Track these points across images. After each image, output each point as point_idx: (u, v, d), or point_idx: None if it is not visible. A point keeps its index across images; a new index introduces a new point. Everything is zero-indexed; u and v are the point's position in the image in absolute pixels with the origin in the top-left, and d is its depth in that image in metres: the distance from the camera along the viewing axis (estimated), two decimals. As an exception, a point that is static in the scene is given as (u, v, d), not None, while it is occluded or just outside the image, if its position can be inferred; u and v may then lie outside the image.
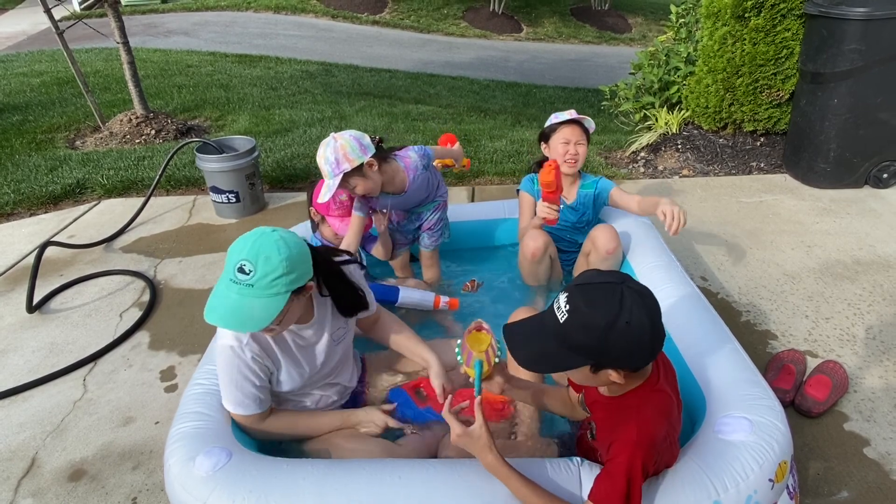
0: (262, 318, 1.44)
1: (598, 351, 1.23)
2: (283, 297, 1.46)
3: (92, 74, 7.05)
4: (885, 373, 2.30)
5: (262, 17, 11.54)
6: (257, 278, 1.43)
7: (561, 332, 1.24)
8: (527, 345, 1.32)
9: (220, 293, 1.47)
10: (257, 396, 1.66)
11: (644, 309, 1.22)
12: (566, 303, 1.24)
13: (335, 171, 2.13)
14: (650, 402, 1.35)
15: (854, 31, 3.38)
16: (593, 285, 1.25)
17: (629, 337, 1.21)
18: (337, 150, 2.12)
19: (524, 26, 12.63)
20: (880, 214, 3.49)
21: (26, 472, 2.00)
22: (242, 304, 1.44)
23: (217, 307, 1.45)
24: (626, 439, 1.31)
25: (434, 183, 2.53)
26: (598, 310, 1.21)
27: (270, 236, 1.47)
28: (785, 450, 1.53)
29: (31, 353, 2.60)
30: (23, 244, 3.55)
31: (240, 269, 1.43)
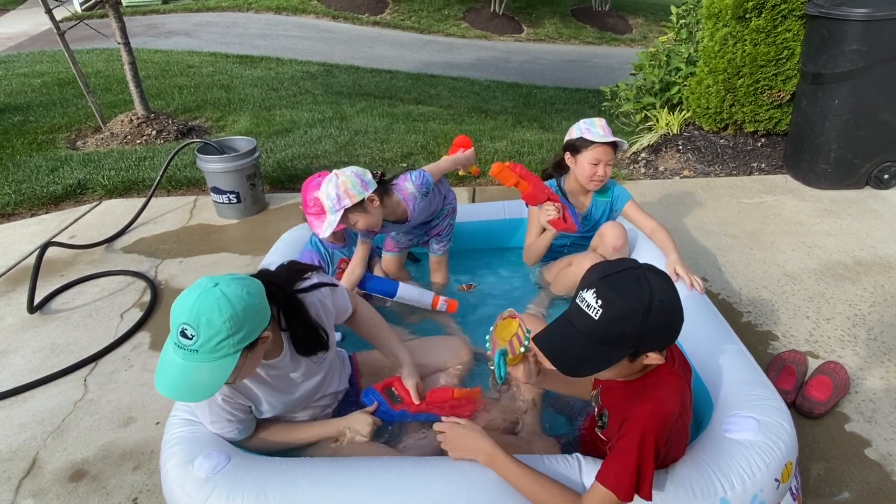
0: (210, 385, 1.35)
1: (639, 337, 1.24)
2: (232, 357, 1.36)
3: (93, 75, 7.06)
4: (887, 374, 2.29)
5: (262, 17, 11.54)
6: (200, 343, 1.32)
7: (598, 329, 1.24)
8: (565, 352, 1.29)
9: (166, 358, 1.38)
10: (236, 427, 1.64)
11: (667, 284, 1.26)
12: (596, 298, 1.23)
13: (336, 206, 2.14)
14: (664, 382, 1.36)
15: (855, 32, 3.38)
16: (616, 275, 1.25)
17: (665, 314, 1.24)
18: (338, 187, 2.13)
19: (525, 27, 12.63)
20: (881, 215, 3.49)
21: (27, 472, 2.01)
22: (189, 371, 1.34)
23: (164, 375, 1.37)
24: (639, 414, 1.31)
25: (438, 200, 2.53)
26: (632, 296, 1.22)
27: (211, 294, 1.33)
28: (791, 450, 1.54)
29: (31, 353, 2.60)
30: (24, 244, 3.55)
31: (182, 333, 1.33)
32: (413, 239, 2.68)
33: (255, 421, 1.70)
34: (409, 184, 2.35)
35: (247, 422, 1.66)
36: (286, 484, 1.48)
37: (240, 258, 3.27)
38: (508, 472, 1.43)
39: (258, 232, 3.54)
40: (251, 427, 1.69)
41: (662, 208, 3.68)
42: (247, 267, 3.17)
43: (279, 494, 1.45)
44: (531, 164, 4.36)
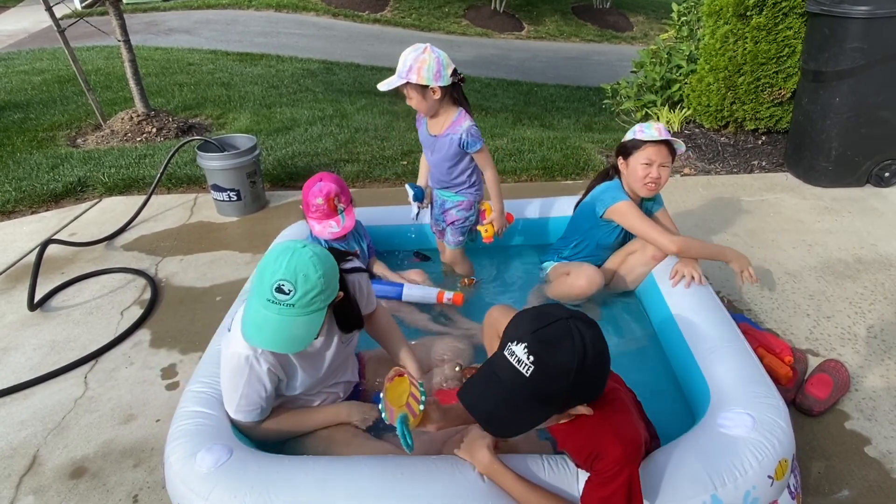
0: (306, 337, 1.47)
1: (571, 393, 1.21)
2: (321, 312, 1.49)
3: (93, 72, 7.05)
4: (887, 371, 2.29)
5: (263, 15, 11.52)
6: (297, 297, 1.44)
7: (529, 387, 1.19)
8: (496, 411, 1.23)
9: (257, 314, 1.47)
10: (261, 406, 1.66)
11: (596, 336, 1.22)
12: (527, 354, 1.18)
13: (403, 74, 2.25)
14: (611, 408, 1.34)
15: (856, 30, 3.37)
16: (547, 328, 1.20)
17: (596, 369, 1.22)
18: (417, 60, 2.23)
19: (525, 25, 12.61)
20: (882, 213, 3.49)
21: (27, 469, 2.01)
22: (285, 325, 1.45)
23: (259, 329, 1.45)
24: (614, 457, 1.29)
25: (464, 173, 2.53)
26: (566, 353, 1.18)
27: (304, 253, 1.46)
28: (786, 448, 1.53)
29: (32, 350, 2.61)
30: (24, 242, 3.55)
31: (278, 289, 1.43)
32: (439, 223, 2.72)
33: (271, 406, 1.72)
34: (468, 121, 2.41)
35: (270, 401, 1.69)
36: (289, 481, 1.48)
37: (240, 256, 3.27)
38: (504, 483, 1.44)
39: (258, 229, 3.54)
40: (269, 411, 1.71)
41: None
42: (247, 265, 3.17)
43: (282, 492, 1.45)
44: (531, 161, 4.36)
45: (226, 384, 1.66)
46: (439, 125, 2.45)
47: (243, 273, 3.09)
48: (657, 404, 1.78)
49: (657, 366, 2.19)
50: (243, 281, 2.89)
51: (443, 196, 2.65)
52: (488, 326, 1.97)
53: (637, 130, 2.35)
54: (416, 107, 2.39)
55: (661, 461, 1.46)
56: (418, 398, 1.46)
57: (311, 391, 1.78)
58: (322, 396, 1.82)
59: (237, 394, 1.63)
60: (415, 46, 2.28)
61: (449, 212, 2.65)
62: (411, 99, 2.36)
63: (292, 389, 1.71)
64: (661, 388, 2.07)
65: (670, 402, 2.00)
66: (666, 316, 2.20)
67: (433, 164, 2.57)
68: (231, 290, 2.93)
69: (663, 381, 2.11)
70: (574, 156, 4.46)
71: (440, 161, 2.51)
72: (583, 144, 4.79)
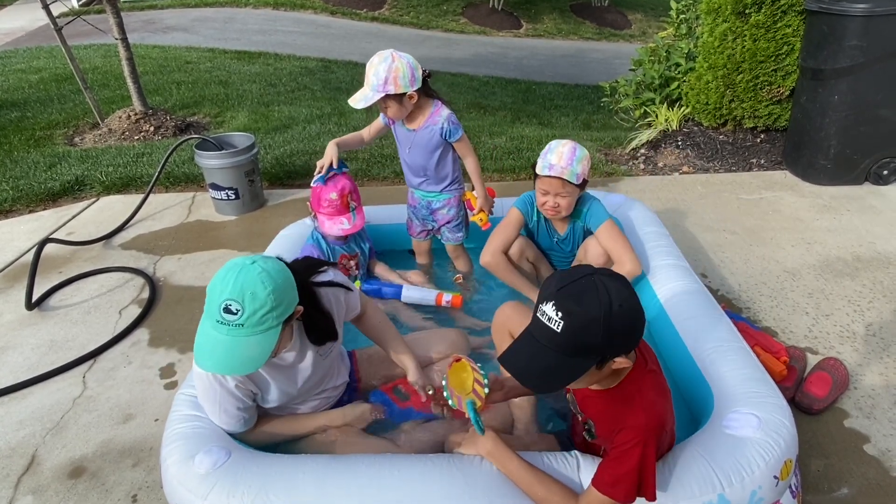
0: (258, 357, 1.40)
1: (603, 344, 1.23)
2: (275, 331, 1.41)
3: (90, 71, 7.03)
4: (886, 370, 2.30)
5: (260, 13, 11.49)
6: (246, 317, 1.36)
7: (562, 341, 1.22)
8: (532, 369, 1.27)
9: (207, 336, 1.41)
10: (242, 417, 1.65)
11: (624, 287, 1.25)
12: (556, 310, 1.21)
13: (379, 88, 2.23)
14: (648, 384, 1.36)
15: (855, 28, 3.37)
16: (572, 284, 1.23)
17: (627, 318, 1.23)
18: (390, 71, 2.20)
19: (524, 23, 12.59)
20: (880, 211, 3.49)
21: (26, 469, 2.00)
22: (236, 346, 1.38)
23: (209, 352, 1.40)
24: (635, 425, 1.31)
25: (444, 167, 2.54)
26: (592, 304, 1.20)
27: (252, 270, 1.38)
28: (791, 448, 1.54)
29: (30, 350, 2.60)
30: (22, 241, 3.54)
31: (226, 309, 1.36)
32: (426, 224, 2.72)
33: (256, 412, 1.71)
34: (446, 110, 2.43)
35: (252, 411, 1.67)
36: (287, 480, 1.48)
37: (238, 255, 3.25)
38: (507, 467, 1.46)
39: (257, 228, 3.53)
40: (254, 418, 1.70)
41: (661, 204, 3.68)
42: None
43: (280, 491, 1.45)
44: (530, 160, 4.35)
45: (203, 402, 1.65)
46: (417, 120, 2.45)
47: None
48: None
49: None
50: (242, 280, 2.89)
51: (427, 197, 2.63)
52: (499, 324, 1.97)
53: (542, 154, 2.26)
54: (394, 115, 2.37)
55: (668, 461, 1.47)
56: (482, 382, 1.49)
57: (295, 401, 1.76)
58: (314, 402, 1.81)
59: (215, 408, 1.62)
60: (381, 56, 2.23)
61: (439, 212, 2.64)
62: (388, 109, 2.32)
63: (269, 402, 1.68)
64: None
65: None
66: (663, 318, 2.19)
67: (412, 161, 2.54)
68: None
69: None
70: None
71: (421, 155, 2.49)
72: (581, 142, 4.75)
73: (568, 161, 2.21)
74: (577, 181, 2.23)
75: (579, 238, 2.50)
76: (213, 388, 1.57)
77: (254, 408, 1.68)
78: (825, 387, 2.13)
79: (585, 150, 2.29)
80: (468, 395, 1.48)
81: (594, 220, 2.36)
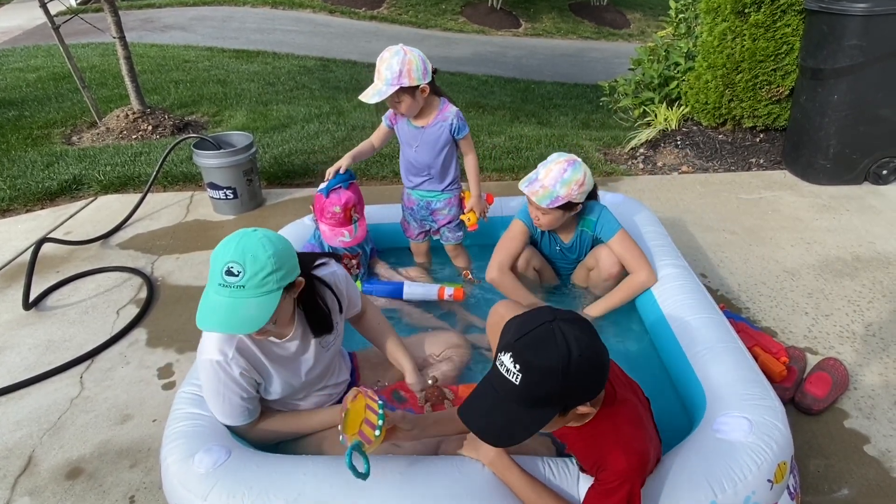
0: (258, 318, 1.42)
1: (564, 394, 1.20)
2: (275, 294, 1.45)
3: (88, 70, 7.02)
4: (885, 370, 2.29)
5: (259, 11, 11.47)
6: (247, 278, 1.41)
7: (522, 393, 1.19)
8: (492, 423, 1.24)
9: (210, 300, 1.44)
10: (246, 408, 1.64)
11: (584, 334, 1.21)
12: (514, 362, 1.19)
13: (394, 81, 2.21)
14: (621, 419, 1.34)
15: (855, 27, 3.36)
16: (530, 334, 1.20)
17: (587, 367, 1.20)
18: (403, 63, 2.20)
19: (522, 22, 12.58)
20: (880, 211, 3.49)
21: (23, 470, 1.99)
22: (237, 307, 1.41)
23: (210, 313, 1.43)
24: (617, 470, 1.29)
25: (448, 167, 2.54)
26: (549, 355, 1.17)
27: (253, 235, 1.45)
28: (785, 450, 1.52)
29: (27, 350, 2.59)
30: (19, 241, 3.52)
31: (227, 271, 1.40)
32: (424, 224, 2.72)
33: (260, 406, 1.71)
34: (454, 107, 2.43)
35: (255, 402, 1.67)
36: (289, 480, 1.47)
37: (237, 254, 3.25)
38: (507, 478, 1.45)
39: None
40: (257, 411, 1.69)
41: (660, 204, 3.67)
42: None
43: (281, 492, 1.44)
44: (529, 159, 4.35)
45: (207, 392, 1.64)
46: (425, 117, 2.44)
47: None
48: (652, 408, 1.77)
49: (651, 369, 2.17)
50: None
51: (427, 197, 2.62)
52: (493, 324, 1.96)
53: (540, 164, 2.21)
54: (407, 110, 2.35)
55: (659, 469, 1.45)
56: (374, 423, 1.39)
57: (297, 395, 1.76)
58: (314, 399, 1.81)
59: (219, 399, 1.61)
60: (392, 51, 2.23)
61: (439, 212, 2.64)
62: (401, 104, 2.31)
63: (271, 394, 1.68)
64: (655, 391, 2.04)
65: (666, 406, 1.97)
66: (659, 318, 2.18)
67: (418, 159, 2.52)
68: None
69: (658, 385, 2.08)
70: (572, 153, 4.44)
71: (429, 153, 2.48)
72: (580, 142, 4.78)
73: (552, 181, 2.13)
74: (549, 205, 2.15)
75: (587, 247, 2.46)
76: (217, 376, 1.57)
77: (257, 399, 1.68)
78: (825, 387, 2.12)
79: (583, 170, 2.17)
80: (353, 435, 1.39)
81: (606, 231, 2.32)
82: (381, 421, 1.40)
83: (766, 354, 2.20)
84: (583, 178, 2.16)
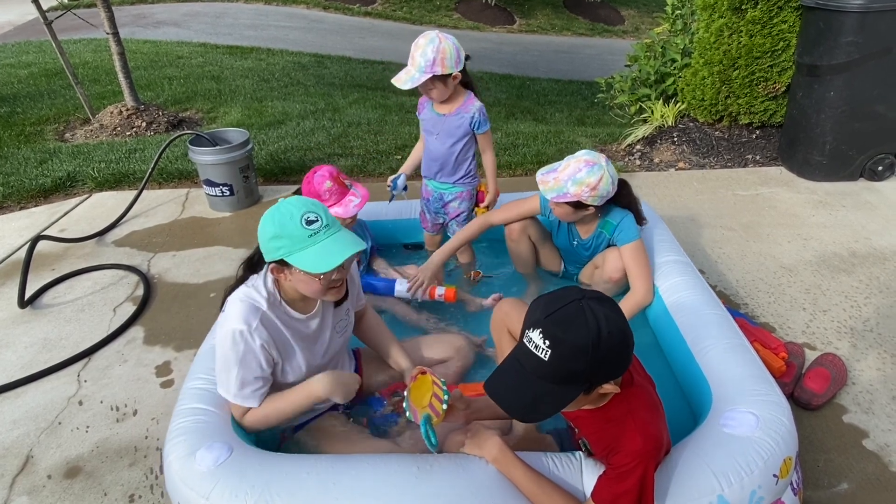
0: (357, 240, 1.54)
1: (591, 372, 1.21)
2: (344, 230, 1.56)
3: (81, 66, 6.95)
4: (883, 364, 2.31)
5: (252, 7, 11.41)
6: (325, 217, 1.51)
7: (549, 370, 1.20)
8: (519, 398, 1.25)
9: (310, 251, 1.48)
10: (258, 388, 1.62)
11: (612, 313, 1.22)
12: (543, 338, 1.19)
13: (427, 69, 2.25)
14: (638, 402, 1.35)
15: (851, 24, 3.37)
16: (559, 311, 1.20)
17: (615, 345, 1.21)
18: (438, 51, 2.23)
19: (517, 18, 12.57)
20: (875, 207, 3.50)
21: (21, 469, 1.98)
22: (339, 238, 1.51)
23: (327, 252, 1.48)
24: (632, 450, 1.30)
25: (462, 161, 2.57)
26: (579, 332, 1.18)
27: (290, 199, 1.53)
28: (790, 446, 1.53)
29: (23, 348, 2.57)
30: (13, 238, 3.49)
31: (307, 221, 1.48)
32: (437, 218, 2.75)
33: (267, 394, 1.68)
34: (479, 102, 2.47)
35: (266, 384, 1.65)
36: (291, 479, 1.46)
37: (234, 251, 3.23)
38: (512, 474, 1.45)
39: (252, 225, 3.49)
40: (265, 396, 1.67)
41: (657, 200, 3.68)
42: (241, 260, 3.12)
43: (284, 492, 1.44)
44: (526, 156, 4.34)
45: (220, 366, 1.62)
46: (449, 105, 2.47)
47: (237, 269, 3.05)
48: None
49: (656, 365, 2.16)
50: (238, 277, 2.86)
51: (440, 189, 2.64)
52: (497, 321, 1.96)
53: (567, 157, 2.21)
54: (438, 96, 2.39)
55: (666, 463, 1.45)
56: (441, 397, 1.48)
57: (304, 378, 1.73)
58: None
59: (232, 374, 1.59)
60: (427, 37, 2.26)
61: (450, 204, 2.66)
62: (433, 90, 2.35)
63: (288, 374, 1.67)
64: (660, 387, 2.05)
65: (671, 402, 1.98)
66: (664, 314, 2.19)
67: (435, 147, 2.54)
68: (225, 286, 2.88)
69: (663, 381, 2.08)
70: (569, 150, 4.40)
71: (445, 141, 2.50)
72: (576, 139, 4.78)
73: (566, 176, 2.13)
74: (553, 197, 2.17)
75: (601, 248, 2.44)
76: (236, 347, 1.55)
77: (268, 382, 1.65)
78: (824, 383, 2.13)
79: (601, 175, 2.12)
80: (424, 409, 1.47)
81: (623, 237, 2.30)
82: (447, 396, 1.49)
83: (765, 350, 2.21)
84: (596, 183, 2.12)
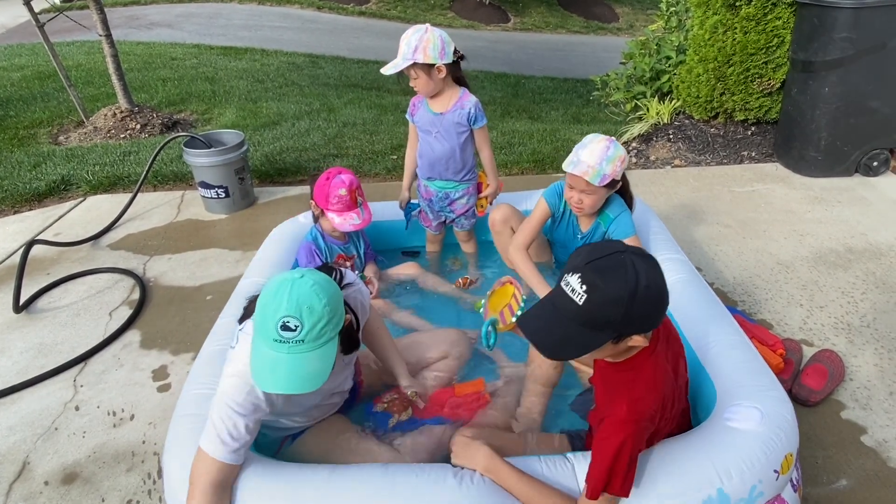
0: (323, 371, 1.36)
1: (623, 322, 1.23)
2: (333, 342, 1.40)
3: (74, 68, 6.92)
4: (880, 360, 2.31)
5: (246, 8, 11.38)
6: (306, 332, 1.33)
7: (583, 314, 1.22)
8: (549, 335, 1.27)
9: (265, 357, 1.35)
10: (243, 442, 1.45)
11: (653, 269, 1.25)
12: (581, 283, 1.21)
13: (409, 56, 2.27)
14: (642, 377, 1.36)
15: (845, 20, 3.38)
16: (601, 259, 1.23)
17: (650, 299, 1.23)
18: (421, 40, 2.25)
19: (511, 16, 12.57)
20: (871, 203, 3.51)
21: (17, 475, 1.96)
22: (298, 363, 1.34)
23: (271, 373, 1.34)
24: (615, 419, 1.32)
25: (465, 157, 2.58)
26: (618, 282, 1.20)
27: (304, 284, 1.35)
28: (792, 441, 1.54)
29: (19, 354, 2.55)
30: (8, 243, 3.47)
31: (283, 326, 1.32)
32: (440, 215, 2.75)
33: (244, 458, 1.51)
34: (474, 97, 2.48)
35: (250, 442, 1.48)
36: (292, 487, 1.45)
37: (230, 254, 3.22)
38: (505, 482, 1.45)
39: (248, 227, 3.49)
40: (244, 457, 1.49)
41: (654, 198, 3.68)
42: (237, 262, 3.12)
43: (285, 498, 1.43)
44: (522, 154, 4.34)
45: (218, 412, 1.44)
46: (444, 103, 2.47)
47: (233, 271, 3.04)
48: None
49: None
50: (234, 279, 2.84)
51: (446, 188, 2.64)
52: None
53: (576, 147, 2.16)
54: (422, 88, 2.39)
55: (667, 455, 1.46)
56: (514, 310, 1.51)
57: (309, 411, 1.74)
58: (321, 410, 1.78)
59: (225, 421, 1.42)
60: (415, 28, 2.29)
61: (457, 202, 2.67)
62: (417, 79, 2.36)
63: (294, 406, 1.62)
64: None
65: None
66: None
67: (436, 146, 2.53)
68: (221, 289, 2.88)
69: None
70: (564, 148, 4.45)
71: (448, 140, 2.50)
72: (572, 137, 4.78)
73: (598, 160, 2.10)
74: (600, 183, 2.11)
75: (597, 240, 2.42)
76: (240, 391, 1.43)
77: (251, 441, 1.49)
78: (822, 379, 2.13)
79: (621, 149, 2.14)
80: (495, 312, 1.51)
81: (619, 232, 2.29)
82: (521, 311, 1.52)
83: (763, 347, 2.21)
84: (624, 155, 2.17)
